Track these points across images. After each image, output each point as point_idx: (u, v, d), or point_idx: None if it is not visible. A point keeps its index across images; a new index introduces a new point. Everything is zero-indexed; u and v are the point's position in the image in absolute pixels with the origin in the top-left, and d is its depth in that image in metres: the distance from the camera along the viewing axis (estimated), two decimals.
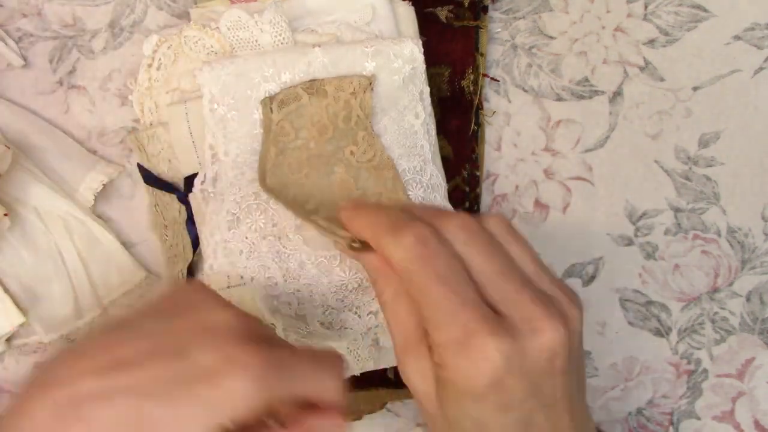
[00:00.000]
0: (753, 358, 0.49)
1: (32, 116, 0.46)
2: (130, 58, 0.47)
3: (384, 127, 0.43)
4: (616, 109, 0.48)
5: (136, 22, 0.47)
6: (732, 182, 0.48)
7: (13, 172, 0.44)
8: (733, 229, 0.48)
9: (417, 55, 0.43)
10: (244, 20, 0.43)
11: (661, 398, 0.49)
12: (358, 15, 0.44)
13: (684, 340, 0.49)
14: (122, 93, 0.47)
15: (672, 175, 0.48)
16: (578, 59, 0.48)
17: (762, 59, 0.48)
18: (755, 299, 0.49)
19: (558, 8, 0.48)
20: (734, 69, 0.48)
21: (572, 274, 0.49)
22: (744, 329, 0.49)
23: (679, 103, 0.48)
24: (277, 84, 0.42)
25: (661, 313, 0.49)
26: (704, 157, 0.48)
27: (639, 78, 0.48)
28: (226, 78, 0.42)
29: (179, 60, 0.44)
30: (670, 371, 0.49)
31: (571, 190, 0.48)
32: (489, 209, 0.48)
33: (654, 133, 0.48)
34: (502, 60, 0.48)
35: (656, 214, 0.48)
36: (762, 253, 0.48)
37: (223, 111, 0.42)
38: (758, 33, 0.48)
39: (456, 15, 0.46)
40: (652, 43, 0.48)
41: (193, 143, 0.43)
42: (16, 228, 0.45)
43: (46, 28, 0.47)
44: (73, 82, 0.47)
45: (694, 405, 0.49)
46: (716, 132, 0.48)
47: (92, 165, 0.46)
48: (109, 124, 0.47)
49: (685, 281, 0.49)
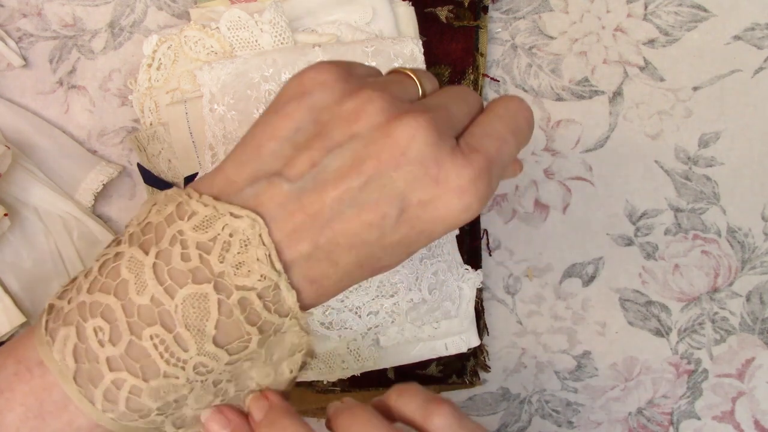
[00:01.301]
0: (753, 358, 0.49)
1: (32, 116, 0.46)
2: (130, 58, 0.47)
3: None
4: (616, 109, 0.48)
5: (136, 22, 0.47)
6: (732, 182, 0.48)
7: (13, 172, 0.44)
8: (733, 229, 0.48)
9: (417, 55, 0.43)
10: (244, 20, 0.43)
11: (661, 398, 0.49)
12: (358, 15, 0.44)
13: (684, 340, 0.49)
14: (122, 93, 0.47)
15: (672, 175, 0.48)
16: (578, 59, 0.48)
17: (762, 59, 0.48)
18: (755, 299, 0.49)
19: (558, 8, 0.48)
20: (734, 69, 0.48)
21: (572, 274, 0.49)
22: (744, 329, 0.49)
23: (679, 103, 0.48)
24: (277, 84, 0.42)
25: (661, 313, 0.49)
26: (704, 157, 0.48)
27: (639, 78, 0.48)
28: (225, 78, 0.42)
29: (179, 60, 0.44)
30: (670, 371, 0.49)
31: (571, 190, 0.48)
32: (489, 209, 0.48)
33: (654, 133, 0.48)
34: (502, 60, 0.48)
35: (656, 214, 0.48)
36: (762, 253, 0.48)
37: (222, 111, 0.42)
38: (758, 33, 0.48)
39: (456, 15, 0.46)
40: (652, 43, 0.48)
41: (193, 143, 0.43)
42: (16, 228, 0.45)
43: (46, 28, 0.47)
44: (73, 82, 0.47)
45: (694, 405, 0.49)
46: (716, 132, 0.48)
47: (92, 165, 0.46)
48: (109, 124, 0.47)
49: (685, 281, 0.49)
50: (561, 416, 0.50)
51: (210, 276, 0.26)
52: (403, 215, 0.26)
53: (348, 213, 0.26)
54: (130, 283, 0.26)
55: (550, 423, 0.50)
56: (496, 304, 0.49)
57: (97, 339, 0.26)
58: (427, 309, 0.44)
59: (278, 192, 0.26)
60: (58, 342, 0.27)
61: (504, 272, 0.49)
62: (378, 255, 0.27)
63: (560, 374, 0.49)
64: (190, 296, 0.25)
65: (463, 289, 0.45)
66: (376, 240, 0.26)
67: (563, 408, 0.50)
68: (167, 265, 0.26)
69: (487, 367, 0.49)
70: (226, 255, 0.26)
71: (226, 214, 0.26)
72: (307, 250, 0.26)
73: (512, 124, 0.29)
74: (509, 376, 0.50)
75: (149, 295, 0.26)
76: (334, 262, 0.27)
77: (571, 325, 0.49)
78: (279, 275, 0.26)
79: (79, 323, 0.26)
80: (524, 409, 0.50)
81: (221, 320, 0.26)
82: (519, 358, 0.49)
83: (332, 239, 0.26)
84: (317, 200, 0.26)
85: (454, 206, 0.26)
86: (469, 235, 0.47)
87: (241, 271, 0.26)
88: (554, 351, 0.49)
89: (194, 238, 0.26)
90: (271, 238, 0.26)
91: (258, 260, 0.26)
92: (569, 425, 0.50)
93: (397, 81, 0.29)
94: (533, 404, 0.50)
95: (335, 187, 0.26)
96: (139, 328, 0.26)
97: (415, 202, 0.26)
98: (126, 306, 0.26)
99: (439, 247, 0.45)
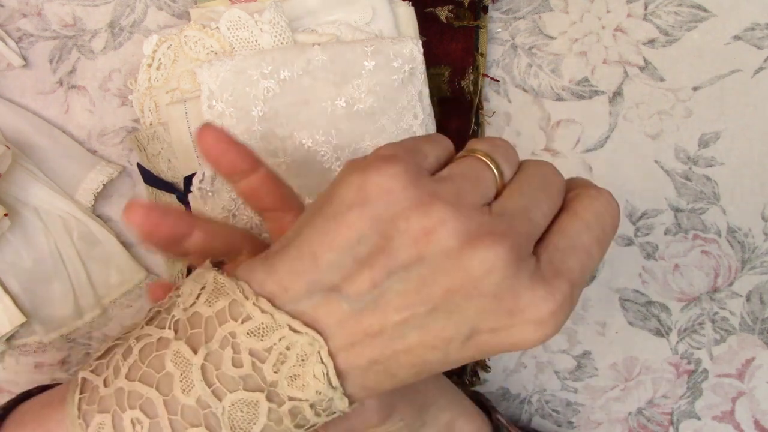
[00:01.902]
0: (753, 358, 0.49)
1: (32, 116, 0.46)
2: (130, 58, 0.47)
3: (382, 127, 0.43)
4: (616, 109, 0.48)
5: (136, 22, 0.47)
6: (732, 182, 0.48)
7: (13, 172, 0.44)
8: (733, 229, 0.48)
9: (417, 55, 0.43)
10: (244, 20, 0.43)
11: (661, 398, 0.49)
12: (358, 15, 0.44)
13: (684, 340, 0.49)
14: (122, 93, 0.47)
15: (672, 175, 0.48)
16: (578, 59, 0.48)
17: (762, 59, 0.48)
18: (755, 299, 0.49)
19: (558, 8, 0.48)
20: (734, 69, 0.48)
21: None
22: (744, 329, 0.49)
23: (679, 103, 0.48)
24: (276, 81, 0.42)
25: (661, 313, 0.49)
26: (704, 157, 0.48)
27: (639, 78, 0.48)
28: (224, 75, 0.42)
29: (179, 60, 0.44)
30: (670, 371, 0.49)
31: None
32: None
33: (654, 133, 0.48)
34: (502, 60, 0.48)
35: (656, 214, 0.48)
36: (762, 253, 0.48)
37: (221, 108, 0.42)
38: (758, 33, 0.47)
39: (456, 15, 0.46)
40: (652, 43, 0.48)
41: (193, 143, 0.43)
42: (16, 228, 0.45)
43: (46, 28, 0.47)
44: (73, 82, 0.47)
45: (694, 405, 0.49)
46: (716, 132, 0.48)
47: (92, 165, 0.46)
48: (109, 124, 0.47)
49: (685, 281, 0.49)
50: (561, 416, 0.50)
51: (262, 385, 0.25)
52: (470, 340, 0.25)
53: (411, 336, 0.25)
54: (174, 379, 0.25)
55: (550, 423, 0.50)
56: None
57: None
58: None
59: (337, 309, 0.25)
60: (92, 429, 0.25)
61: None
62: (438, 369, 0.26)
63: (560, 374, 0.49)
64: (239, 401, 0.25)
65: None
66: (439, 361, 0.26)
67: (563, 408, 0.50)
68: (217, 369, 0.25)
69: (487, 367, 0.49)
70: (282, 367, 0.25)
71: (284, 327, 0.25)
72: (364, 364, 0.25)
73: (600, 233, 0.26)
74: (509, 376, 0.50)
75: (195, 396, 0.25)
76: (392, 375, 0.26)
77: (571, 325, 0.49)
78: (335, 391, 0.25)
79: (116, 412, 0.25)
80: (524, 409, 0.50)
81: (269, 425, 0.25)
82: (519, 358, 0.49)
83: (392, 357, 0.25)
84: (378, 322, 0.25)
85: (529, 336, 0.24)
86: None
87: (296, 384, 0.25)
88: (554, 351, 0.49)
89: (248, 344, 0.25)
90: (329, 354, 0.25)
91: (315, 377, 0.25)
92: (569, 425, 0.50)
93: (472, 178, 0.26)
94: (533, 404, 0.50)
95: (398, 312, 0.24)
96: (181, 427, 0.25)
97: (485, 330, 0.25)
98: (169, 403, 0.25)
99: None
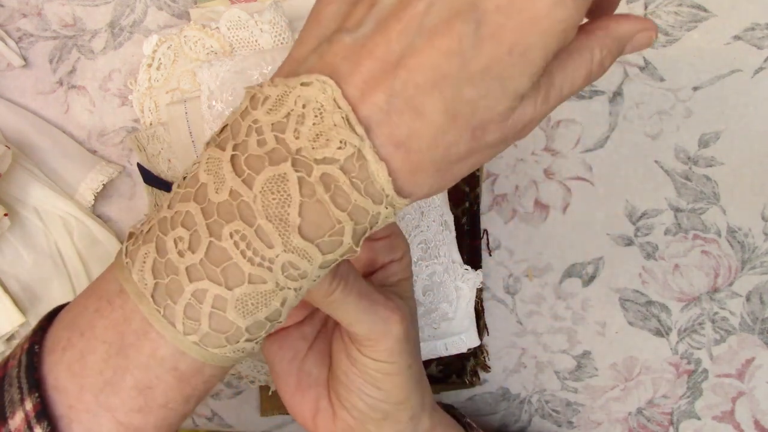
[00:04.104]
0: (753, 358, 0.49)
1: (32, 116, 0.46)
2: (130, 58, 0.47)
3: None
4: (616, 109, 0.48)
5: (136, 22, 0.47)
6: (732, 182, 0.48)
7: (13, 172, 0.44)
8: (733, 229, 0.48)
9: None
10: (244, 20, 0.43)
11: (661, 398, 0.49)
12: None
13: (684, 340, 0.49)
14: (122, 93, 0.47)
15: (672, 175, 0.48)
16: None
17: (762, 59, 0.48)
18: (755, 299, 0.49)
19: None
20: (734, 69, 0.48)
21: (572, 274, 0.49)
22: (744, 329, 0.49)
23: (679, 103, 0.48)
24: None
25: (661, 313, 0.49)
26: (704, 157, 0.48)
27: (639, 78, 0.48)
28: (224, 75, 0.42)
29: (179, 60, 0.44)
30: (670, 371, 0.49)
31: (571, 190, 0.48)
32: (489, 209, 0.48)
33: (654, 133, 0.48)
34: None
35: (656, 214, 0.48)
36: (762, 253, 0.48)
37: (221, 108, 0.42)
38: (758, 33, 0.47)
39: None
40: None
41: (193, 143, 0.43)
42: (16, 228, 0.45)
43: (46, 28, 0.47)
44: (73, 82, 0.47)
45: (694, 405, 0.49)
46: (716, 132, 0.48)
47: (92, 165, 0.46)
48: (109, 124, 0.47)
49: (685, 281, 0.49)
50: (561, 416, 0.50)
51: (287, 154, 0.23)
52: (482, 29, 0.22)
53: (418, 43, 0.22)
54: (209, 184, 0.24)
55: (550, 423, 0.50)
56: (496, 304, 0.49)
57: (177, 250, 0.24)
58: (423, 311, 0.44)
59: (341, 46, 0.23)
60: (138, 262, 0.24)
61: (504, 272, 0.49)
62: (468, 95, 0.23)
63: (560, 374, 0.49)
64: (268, 180, 0.23)
65: (462, 289, 0.45)
66: (459, 70, 0.22)
67: (563, 408, 0.50)
68: (244, 155, 0.23)
69: (487, 367, 0.49)
70: (301, 129, 0.23)
71: (296, 87, 0.23)
72: (383, 99, 0.23)
73: None
74: (509, 376, 0.50)
75: (227, 189, 0.23)
76: (418, 111, 0.23)
77: (571, 325, 0.49)
78: (361, 140, 0.23)
79: (159, 238, 0.24)
80: (524, 409, 0.50)
81: (305, 203, 0.23)
82: (519, 358, 0.49)
83: (409, 80, 0.23)
84: (382, 40, 0.23)
85: (543, 5, 0.22)
86: (469, 235, 0.47)
87: (318, 143, 0.23)
88: (554, 351, 0.49)
89: (268, 120, 0.23)
90: (345, 97, 0.23)
91: (335, 125, 0.23)
92: (569, 425, 0.50)
93: None
94: (533, 404, 0.50)
95: (397, 19, 0.23)
96: (218, 227, 0.23)
97: (492, 8, 0.22)
98: (206, 209, 0.24)
99: (436, 248, 0.45)
